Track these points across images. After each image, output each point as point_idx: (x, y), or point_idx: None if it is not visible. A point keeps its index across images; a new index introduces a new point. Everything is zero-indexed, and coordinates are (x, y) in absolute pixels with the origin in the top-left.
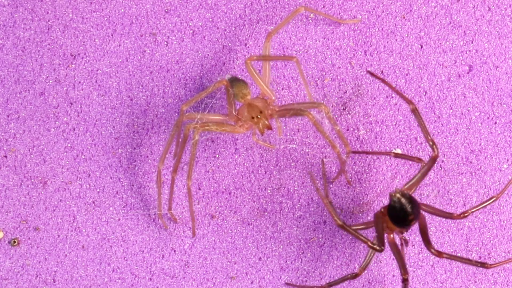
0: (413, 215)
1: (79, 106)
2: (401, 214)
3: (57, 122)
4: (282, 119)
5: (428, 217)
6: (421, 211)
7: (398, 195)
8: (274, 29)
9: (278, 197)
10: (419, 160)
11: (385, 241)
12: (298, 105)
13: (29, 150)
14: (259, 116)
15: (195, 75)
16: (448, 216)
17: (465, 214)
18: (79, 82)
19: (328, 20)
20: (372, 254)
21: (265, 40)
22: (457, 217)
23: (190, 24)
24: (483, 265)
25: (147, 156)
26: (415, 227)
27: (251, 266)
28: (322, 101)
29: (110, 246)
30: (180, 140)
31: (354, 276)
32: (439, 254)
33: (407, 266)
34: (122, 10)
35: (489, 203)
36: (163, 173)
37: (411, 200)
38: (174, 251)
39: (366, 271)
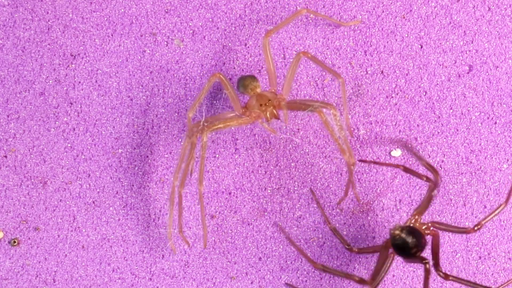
0: (416, 247)
1: (79, 106)
2: (405, 249)
3: (57, 122)
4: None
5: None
6: (436, 230)
7: (397, 231)
8: (274, 28)
9: (278, 197)
10: (427, 179)
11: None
12: (308, 101)
13: (29, 150)
14: (267, 104)
15: (195, 75)
16: (463, 231)
17: (479, 227)
18: (79, 82)
19: (329, 21)
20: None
21: (264, 37)
22: (472, 231)
23: (190, 24)
24: None
25: (147, 156)
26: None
27: (251, 266)
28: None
29: (110, 246)
30: (187, 149)
31: (361, 281)
32: (446, 276)
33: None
34: (122, 10)
35: (500, 211)
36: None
37: (412, 231)
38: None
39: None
